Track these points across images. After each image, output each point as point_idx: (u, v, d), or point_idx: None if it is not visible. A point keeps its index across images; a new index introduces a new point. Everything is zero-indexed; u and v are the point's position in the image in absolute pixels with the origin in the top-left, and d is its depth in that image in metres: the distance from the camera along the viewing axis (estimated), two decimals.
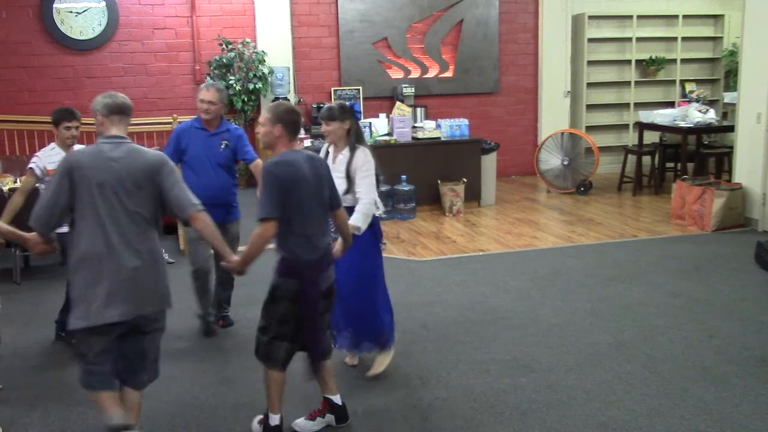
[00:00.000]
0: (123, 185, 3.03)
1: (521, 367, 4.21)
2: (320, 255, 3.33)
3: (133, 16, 9.17)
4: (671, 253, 6.50)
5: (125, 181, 3.04)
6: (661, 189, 9.31)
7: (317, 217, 3.33)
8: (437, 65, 10.34)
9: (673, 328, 4.75)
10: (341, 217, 3.49)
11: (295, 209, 3.22)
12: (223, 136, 4.69)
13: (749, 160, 7.37)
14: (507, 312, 5.13)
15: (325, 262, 3.38)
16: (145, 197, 3.09)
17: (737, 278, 5.77)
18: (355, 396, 3.85)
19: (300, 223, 3.25)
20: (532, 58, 10.77)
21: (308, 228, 3.28)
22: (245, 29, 9.46)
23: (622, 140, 10.97)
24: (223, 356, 4.50)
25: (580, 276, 5.91)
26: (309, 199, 3.26)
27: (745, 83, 7.39)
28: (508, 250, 6.84)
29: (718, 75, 11.28)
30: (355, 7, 9.85)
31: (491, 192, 8.95)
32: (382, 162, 8.20)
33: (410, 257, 6.62)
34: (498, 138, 9.80)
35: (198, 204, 3.20)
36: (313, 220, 3.30)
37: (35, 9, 8.87)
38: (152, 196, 3.12)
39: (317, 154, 3.65)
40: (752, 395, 3.79)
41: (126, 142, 3.14)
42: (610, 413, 3.63)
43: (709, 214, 7.26)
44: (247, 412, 3.73)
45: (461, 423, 3.59)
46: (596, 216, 8.16)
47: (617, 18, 10.84)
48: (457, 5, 10.25)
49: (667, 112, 9.27)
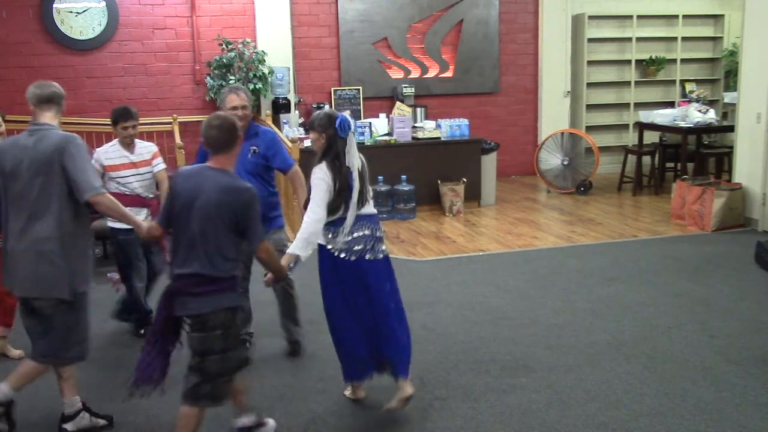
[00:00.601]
0: (25, 171, 3.18)
1: (521, 367, 4.21)
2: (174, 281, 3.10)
3: (133, 16, 9.17)
4: (671, 253, 6.50)
5: (28, 167, 3.18)
6: (661, 189, 9.31)
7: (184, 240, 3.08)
8: (437, 65, 10.34)
9: (673, 328, 4.75)
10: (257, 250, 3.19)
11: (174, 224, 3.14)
12: (252, 141, 4.24)
13: (749, 160, 7.37)
14: (507, 312, 5.13)
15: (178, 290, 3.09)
16: (49, 183, 3.19)
17: (737, 278, 5.77)
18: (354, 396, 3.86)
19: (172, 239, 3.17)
20: (532, 58, 10.77)
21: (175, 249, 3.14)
22: (245, 29, 9.46)
23: (622, 140, 10.97)
24: None
25: (580, 276, 5.91)
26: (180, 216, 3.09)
27: (745, 83, 7.39)
28: (508, 250, 6.84)
29: (718, 75, 11.28)
30: (355, 7, 9.85)
31: (491, 192, 8.95)
32: (382, 162, 8.29)
33: (410, 257, 6.62)
34: (498, 138, 9.79)
35: (98, 187, 3.24)
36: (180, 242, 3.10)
37: (35, 9, 8.87)
38: (59, 181, 3.19)
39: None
40: (752, 395, 3.79)
41: (43, 130, 3.24)
42: (610, 413, 3.64)
43: (709, 214, 7.26)
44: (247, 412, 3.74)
45: (461, 423, 3.59)
46: (596, 216, 8.16)
47: (617, 18, 10.84)
48: (457, 5, 10.25)
49: (667, 112, 9.27)
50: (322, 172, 3.53)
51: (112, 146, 4.73)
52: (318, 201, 3.49)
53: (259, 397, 3.90)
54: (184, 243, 3.05)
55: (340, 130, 3.52)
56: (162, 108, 9.28)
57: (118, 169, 4.64)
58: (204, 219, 3.01)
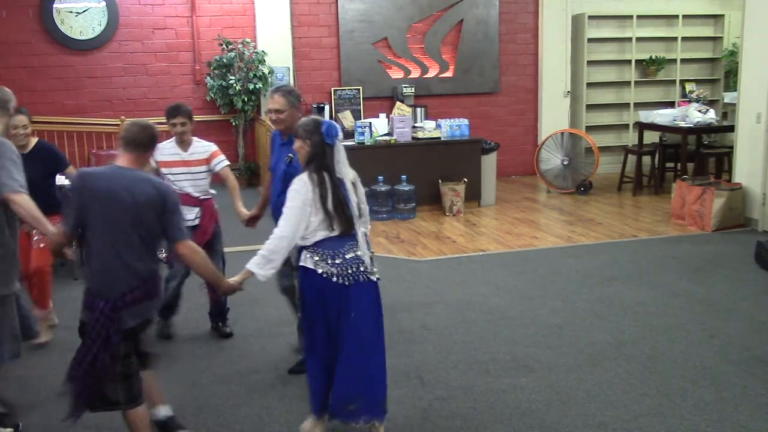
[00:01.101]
0: None
1: (521, 367, 4.21)
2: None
3: (133, 16, 9.17)
4: (671, 253, 6.50)
5: None
6: (661, 189, 9.31)
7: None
8: (437, 65, 10.34)
9: (673, 328, 4.75)
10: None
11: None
12: (289, 148, 3.84)
13: (749, 160, 7.37)
14: (507, 312, 5.13)
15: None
16: None
17: (737, 278, 5.77)
18: None
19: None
20: (532, 58, 10.77)
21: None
22: (245, 29, 9.47)
23: (622, 140, 10.98)
24: (223, 356, 4.50)
25: (580, 276, 5.91)
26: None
27: (745, 83, 7.39)
28: (508, 250, 6.84)
29: (718, 75, 11.28)
30: (355, 7, 9.86)
31: (491, 192, 8.95)
32: (382, 162, 8.29)
33: (410, 257, 6.62)
34: (498, 138, 9.80)
35: (13, 185, 3.17)
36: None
37: (35, 9, 8.87)
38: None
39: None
40: (752, 395, 3.79)
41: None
42: (610, 413, 3.63)
43: (709, 214, 7.26)
44: (247, 411, 3.74)
45: (461, 423, 3.59)
46: (596, 216, 8.16)
47: (617, 18, 10.84)
48: (457, 5, 10.25)
49: (667, 112, 9.27)
50: (300, 183, 3.18)
51: (168, 143, 4.66)
52: (287, 216, 3.15)
53: (258, 396, 3.90)
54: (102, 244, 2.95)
55: (326, 135, 3.20)
56: (162, 108, 9.17)
57: (169, 166, 4.57)
58: (124, 219, 2.92)
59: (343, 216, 3.17)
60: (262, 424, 3.64)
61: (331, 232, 3.18)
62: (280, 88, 3.99)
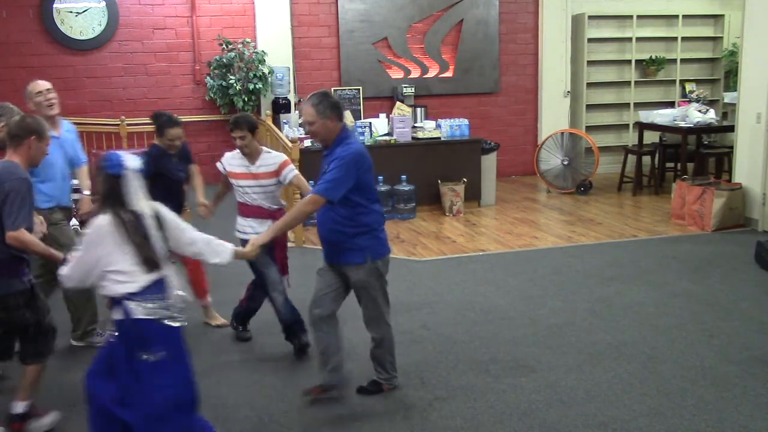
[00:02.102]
0: None
1: (521, 367, 4.21)
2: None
3: (133, 16, 9.17)
4: (671, 253, 6.50)
5: None
6: (661, 189, 9.31)
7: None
8: (437, 65, 10.34)
9: (673, 328, 4.75)
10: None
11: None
12: (327, 160, 3.65)
13: (749, 160, 7.37)
14: (507, 312, 5.13)
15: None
16: None
17: (737, 278, 5.77)
18: (355, 395, 3.86)
19: None
20: (532, 58, 10.77)
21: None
22: (245, 29, 9.47)
23: (622, 140, 10.97)
24: (223, 356, 4.50)
25: (580, 276, 5.91)
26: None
27: (745, 83, 7.39)
28: (508, 250, 6.84)
29: (718, 75, 11.28)
30: (355, 7, 9.85)
31: (491, 192, 8.95)
32: (382, 162, 8.28)
33: (410, 257, 6.62)
34: (498, 138, 9.80)
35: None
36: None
37: (35, 9, 8.87)
38: None
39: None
40: (752, 395, 3.79)
41: None
42: (610, 413, 3.64)
43: (709, 214, 7.26)
44: (247, 412, 3.74)
45: (461, 423, 3.59)
46: (596, 216, 8.16)
47: (617, 18, 10.84)
48: (457, 5, 10.25)
49: (667, 112, 9.27)
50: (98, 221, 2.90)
51: (236, 152, 4.49)
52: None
53: (258, 396, 3.90)
54: None
55: (108, 167, 2.90)
56: (162, 108, 9.27)
57: (237, 177, 4.44)
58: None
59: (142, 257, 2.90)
60: (262, 424, 3.64)
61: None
62: (311, 97, 3.64)
